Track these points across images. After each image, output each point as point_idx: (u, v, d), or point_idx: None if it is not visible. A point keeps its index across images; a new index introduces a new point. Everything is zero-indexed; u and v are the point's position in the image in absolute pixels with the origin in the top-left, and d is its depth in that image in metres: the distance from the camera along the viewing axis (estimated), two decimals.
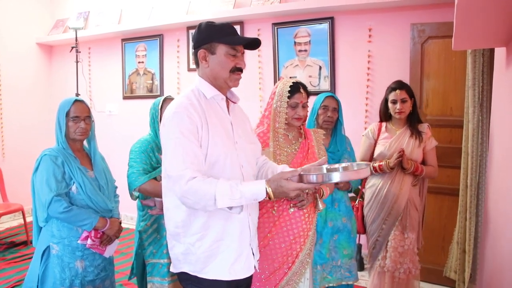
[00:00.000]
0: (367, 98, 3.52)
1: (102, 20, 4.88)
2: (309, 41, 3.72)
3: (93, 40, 4.99)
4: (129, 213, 4.67)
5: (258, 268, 1.66)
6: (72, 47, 4.61)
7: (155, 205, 2.18)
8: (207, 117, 1.45)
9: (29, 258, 2.20)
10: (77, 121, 1.99)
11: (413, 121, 2.48)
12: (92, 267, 2.01)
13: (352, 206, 2.60)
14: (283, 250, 1.82)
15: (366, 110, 3.53)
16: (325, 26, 3.63)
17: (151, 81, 4.68)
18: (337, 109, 2.33)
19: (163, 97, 2.27)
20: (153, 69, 4.65)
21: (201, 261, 1.45)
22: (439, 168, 2.55)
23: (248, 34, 3.97)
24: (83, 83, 4.94)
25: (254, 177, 1.64)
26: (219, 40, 1.46)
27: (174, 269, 1.54)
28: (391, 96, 2.46)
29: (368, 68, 3.50)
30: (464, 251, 2.87)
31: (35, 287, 1.95)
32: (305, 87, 1.94)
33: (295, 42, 3.78)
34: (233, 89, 1.59)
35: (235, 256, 1.48)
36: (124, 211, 4.40)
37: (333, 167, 1.55)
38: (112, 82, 4.93)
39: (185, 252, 1.47)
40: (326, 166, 1.55)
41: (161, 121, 1.52)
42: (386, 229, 2.46)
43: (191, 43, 3.35)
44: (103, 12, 4.91)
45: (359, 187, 2.77)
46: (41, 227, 2.01)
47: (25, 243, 4.08)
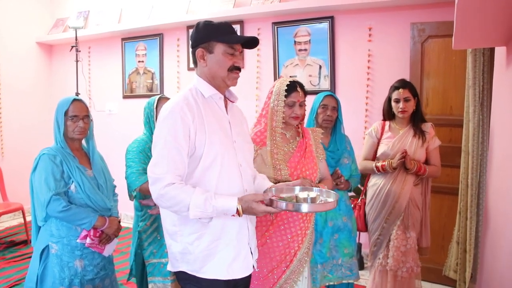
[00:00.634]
0: (367, 97, 3.51)
1: (102, 20, 4.88)
2: (309, 40, 3.72)
3: (93, 40, 4.99)
4: (129, 212, 4.66)
5: (257, 267, 1.65)
6: (72, 47, 4.61)
7: (155, 205, 2.18)
8: (204, 116, 1.44)
9: (29, 257, 2.20)
10: (76, 120, 1.98)
11: (417, 120, 2.47)
12: (92, 266, 2.00)
13: (355, 204, 2.59)
14: (281, 249, 1.82)
15: (366, 109, 3.52)
16: (325, 25, 3.63)
17: (151, 81, 4.67)
18: (337, 108, 2.32)
19: (158, 97, 2.26)
20: (153, 68, 4.65)
21: (199, 261, 1.45)
22: None
23: (248, 34, 3.97)
24: (83, 82, 4.94)
25: (252, 177, 1.63)
26: (217, 39, 1.46)
27: (172, 268, 1.54)
28: (394, 95, 2.45)
29: (368, 68, 3.49)
30: (465, 251, 2.86)
31: (34, 287, 1.94)
32: (302, 86, 1.93)
33: (295, 42, 3.78)
34: (231, 88, 1.58)
35: (234, 256, 1.48)
36: (123, 210, 4.41)
37: (306, 189, 1.57)
38: (112, 81, 4.93)
39: (183, 252, 1.47)
40: (299, 188, 1.58)
41: (157, 118, 1.53)
42: (387, 228, 2.45)
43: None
44: (103, 11, 4.91)
45: (359, 186, 2.77)
46: (40, 226, 2.00)
47: (25, 242, 4.08)
